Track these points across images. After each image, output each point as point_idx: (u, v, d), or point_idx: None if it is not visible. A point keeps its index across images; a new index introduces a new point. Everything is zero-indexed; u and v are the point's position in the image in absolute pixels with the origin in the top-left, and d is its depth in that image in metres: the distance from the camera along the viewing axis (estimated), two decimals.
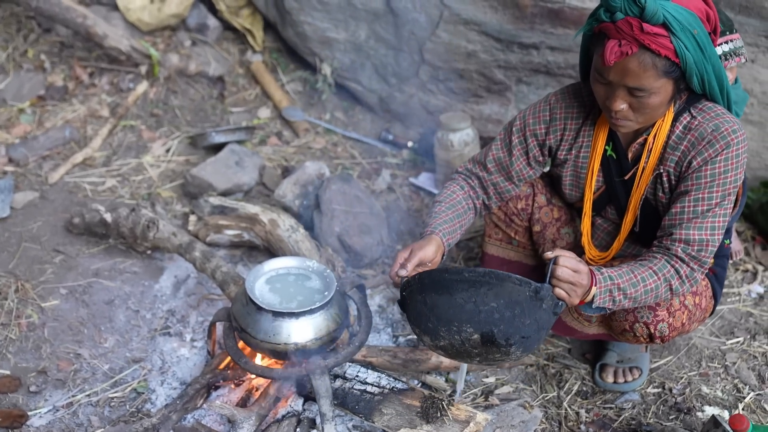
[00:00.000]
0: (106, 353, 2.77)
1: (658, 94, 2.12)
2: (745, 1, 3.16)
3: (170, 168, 3.67)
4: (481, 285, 2.01)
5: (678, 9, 2.04)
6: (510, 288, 2.01)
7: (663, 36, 2.03)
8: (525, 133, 2.47)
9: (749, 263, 3.25)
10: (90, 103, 3.90)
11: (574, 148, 2.45)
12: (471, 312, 2.02)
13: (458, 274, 2.04)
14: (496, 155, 2.51)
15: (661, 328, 2.37)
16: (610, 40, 2.08)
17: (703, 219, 2.22)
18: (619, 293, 2.17)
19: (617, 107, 2.16)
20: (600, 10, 2.10)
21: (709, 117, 2.22)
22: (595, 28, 2.15)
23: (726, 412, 2.58)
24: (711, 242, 2.22)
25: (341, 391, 2.45)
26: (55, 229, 3.25)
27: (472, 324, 2.03)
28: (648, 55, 2.06)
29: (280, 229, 3.04)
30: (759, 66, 3.33)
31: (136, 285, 3.03)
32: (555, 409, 2.62)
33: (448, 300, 2.04)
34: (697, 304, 2.43)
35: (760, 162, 3.52)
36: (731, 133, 2.19)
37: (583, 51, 2.32)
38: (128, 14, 4.11)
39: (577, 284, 2.06)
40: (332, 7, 3.87)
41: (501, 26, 3.57)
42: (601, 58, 2.12)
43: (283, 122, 4.05)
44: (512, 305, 2.01)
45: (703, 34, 2.07)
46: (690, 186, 2.23)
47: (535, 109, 2.48)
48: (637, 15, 2.03)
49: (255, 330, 2.37)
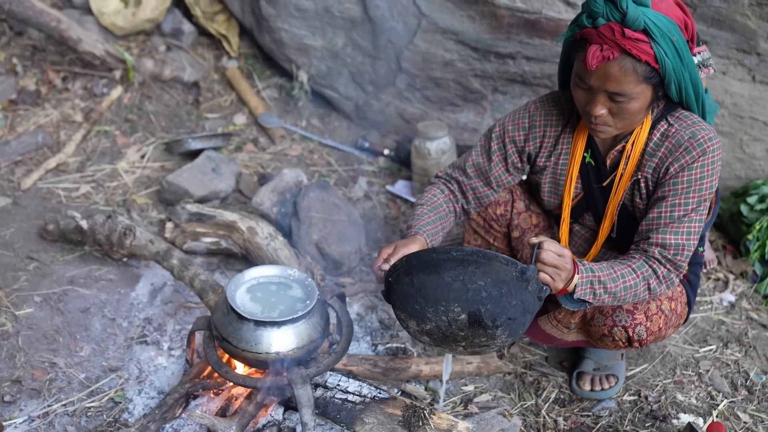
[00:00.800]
0: (82, 362, 2.73)
1: (638, 99, 2.17)
2: (717, 15, 3.22)
3: (145, 174, 3.63)
4: (468, 264, 2.03)
5: (658, 16, 2.09)
6: (497, 267, 2.03)
7: (643, 41, 2.09)
8: (504, 140, 2.52)
9: (720, 272, 3.31)
10: (63, 108, 3.84)
11: (553, 155, 2.49)
12: (459, 290, 2.03)
13: (446, 253, 2.06)
14: (475, 160, 2.56)
15: (639, 332, 2.41)
16: (592, 45, 2.13)
17: (679, 224, 2.27)
18: (599, 286, 2.21)
19: (597, 112, 2.20)
20: (582, 16, 2.15)
21: (686, 125, 2.28)
22: (577, 34, 2.19)
23: (701, 420, 2.62)
24: (687, 246, 2.27)
25: (322, 401, 2.44)
26: (29, 236, 3.20)
27: (459, 303, 2.04)
28: (629, 60, 2.10)
29: (259, 236, 3.02)
30: (730, 78, 3.40)
31: (112, 293, 2.99)
32: (533, 417, 2.64)
33: (436, 279, 2.05)
34: (673, 309, 2.48)
35: (730, 172, 3.59)
36: (707, 141, 2.24)
37: (563, 58, 2.36)
38: (102, 18, 4.06)
39: (561, 268, 2.12)
40: (309, 14, 3.86)
41: (478, 36, 3.60)
42: (582, 63, 2.16)
43: (259, 129, 4.03)
44: (499, 284, 2.03)
45: (682, 42, 2.13)
46: (667, 192, 2.28)
47: (514, 116, 2.52)
48: (619, 20, 2.08)
49: (236, 339, 2.35)
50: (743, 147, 3.54)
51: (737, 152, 3.55)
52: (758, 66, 3.32)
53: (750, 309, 3.14)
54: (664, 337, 2.53)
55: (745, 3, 3.15)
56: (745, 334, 3.00)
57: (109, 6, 4.06)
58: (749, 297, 3.20)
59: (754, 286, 3.25)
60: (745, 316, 3.10)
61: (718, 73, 3.38)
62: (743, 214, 3.36)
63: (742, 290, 3.23)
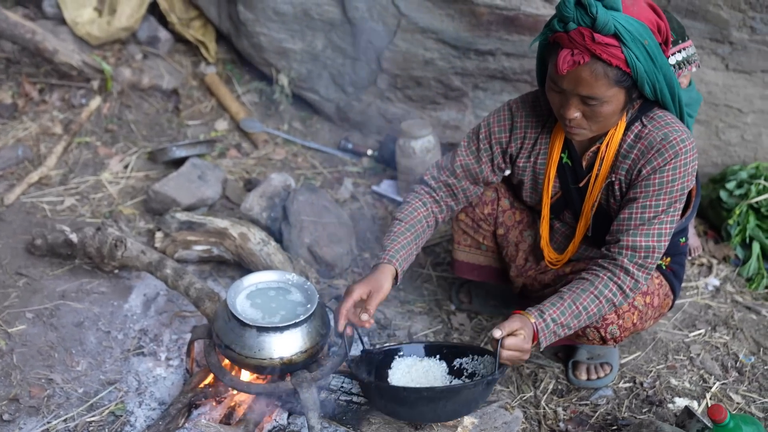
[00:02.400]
0: (80, 377, 2.71)
1: (611, 102, 2.19)
2: (691, 6, 3.29)
3: (130, 184, 3.60)
4: (439, 399, 2.23)
5: (629, 20, 2.10)
6: (466, 393, 2.25)
7: (614, 46, 2.09)
8: (491, 141, 2.54)
9: (704, 257, 3.38)
10: (41, 121, 3.80)
11: (532, 155, 2.52)
12: (432, 417, 2.30)
13: (417, 392, 2.28)
14: (463, 161, 2.57)
15: (611, 331, 2.47)
16: (563, 49, 2.14)
17: (649, 226, 2.30)
18: (563, 329, 2.31)
19: (571, 115, 2.23)
20: (554, 20, 2.17)
21: (658, 126, 2.29)
22: (549, 37, 2.21)
23: (695, 403, 2.69)
24: (657, 248, 2.31)
25: (327, 403, 2.45)
26: (16, 252, 3.16)
27: (432, 422, 2.35)
28: (600, 64, 2.12)
29: (251, 242, 3.02)
30: (705, 67, 3.47)
31: (104, 305, 2.97)
32: (533, 408, 2.68)
33: (408, 410, 2.28)
34: (648, 304, 2.52)
35: (707, 159, 3.67)
36: (680, 143, 2.26)
37: (539, 60, 2.38)
38: (76, 28, 4.02)
39: (523, 359, 2.27)
40: (288, 17, 3.86)
41: (458, 34, 3.63)
42: (554, 67, 2.18)
43: (241, 134, 4.02)
44: (468, 403, 2.29)
45: (654, 45, 2.14)
46: (638, 193, 2.31)
47: (498, 116, 2.53)
48: (589, 25, 2.09)
49: (239, 346, 2.35)
50: (719, 134, 3.62)
51: (713, 139, 3.63)
52: (731, 55, 3.40)
53: (734, 292, 3.22)
54: (642, 329, 2.59)
55: None
56: (732, 317, 3.07)
57: (83, 16, 4.02)
58: (733, 280, 3.28)
59: (736, 269, 3.33)
60: (730, 300, 3.18)
61: None
62: (723, 200, 3.44)
63: (726, 274, 3.31)
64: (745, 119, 3.54)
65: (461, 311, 3.07)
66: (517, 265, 2.76)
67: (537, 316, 2.27)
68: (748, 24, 3.27)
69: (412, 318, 3.04)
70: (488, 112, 3.85)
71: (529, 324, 2.26)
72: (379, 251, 2.45)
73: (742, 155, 3.62)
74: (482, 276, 2.94)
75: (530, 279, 2.72)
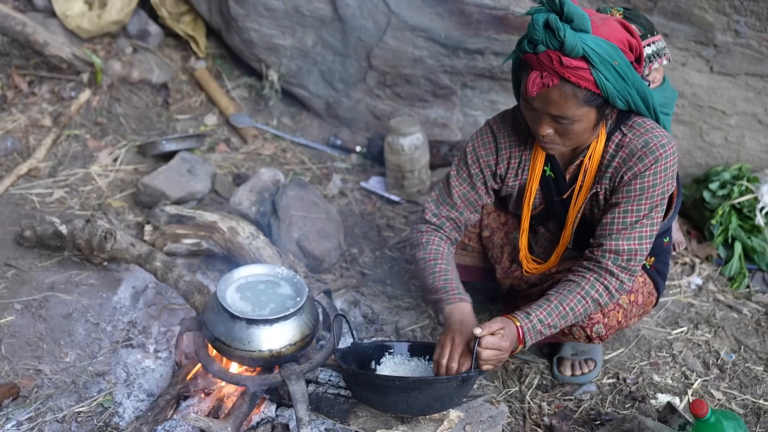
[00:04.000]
0: (68, 368, 2.72)
1: (581, 121, 2.21)
2: (676, 8, 3.34)
3: (119, 177, 3.61)
4: (411, 390, 2.24)
5: (598, 42, 2.10)
6: (439, 387, 2.26)
7: (583, 68, 2.10)
8: (480, 165, 2.54)
9: (687, 256, 3.43)
10: (31, 113, 3.80)
11: (518, 172, 2.53)
12: (404, 408, 2.29)
13: (390, 381, 2.30)
14: (460, 192, 2.57)
15: (597, 330, 2.49)
16: (533, 71, 2.15)
17: (631, 230, 2.33)
18: (549, 329, 2.34)
19: (543, 132, 2.26)
20: (524, 41, 2.17)
21: (639, 133, 2.32)
22: (520, 56, 2.22)
23: (677, 399, 2.73)
24: (639, 251, 2.34)
25: (315, 396, 2.48)
26: (4, 243, 3.16)
27: (406, 413, 2.33)
28: (569, 86, 2.13)
29: (240, 236, 3.04)
30: (689, 69, 3.52)
31: (93, 297, 2.98)
32: (518, 403, 2.72)
33: (381, 399, 2.29)
34: (633, 302, 2.56)
35: (691, 160, 3.73)
36: (660, 148, 2.29)
37: (513, 76, 2.39)
38: (67, 21, 4.01)
39: (502, 358, 2.28)
40: (279, 13, 3.88)
41: (447, 32, 3.66)
42: (525, 88, 2.19)
43: (230, 129, 4.04)
44: (442, 397, 2.28)
45: (625, 64, 2.15)
46: (620, 198, 2.34)
47: (483, 140, 2.53)
48: (557, 48, 2.09)
49: (229, 338, 2.37)
50: (703, 135, 3.67)
51: (697, 141, 3.68)
52: (716, 57, 3.45)
53: (716, 291, 3.27)
54: (627, 326, 2.62)
55: None
56: (714, 315, 3.12)
57: (73, 9, 4.01)
58: (715, 279, 3.33)
59: (719, 269, 3.38)
60: (712, 298, 3.23)
61: (677, 65, 3.50)
62: (706, 200, 3.49)
63: (708, 273, 3.36)
64: (729, 121, 3.60)
65: None
66: (503, 267, 2.78)
67: (523, 318, 2.30)
68: (733, 27, 3.32)
69: (399, 313, 3.07)
70: (476, 110, 3.90)
71: (511, 325, 2.29)
72: (434, 295, 2.45)
73: (726, 156, 3.68)
74: (468, 276, 2.94)
75: (517, 279, 2.74)
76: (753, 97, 3.53)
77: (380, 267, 3.32)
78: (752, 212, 3.38)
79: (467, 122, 3.93)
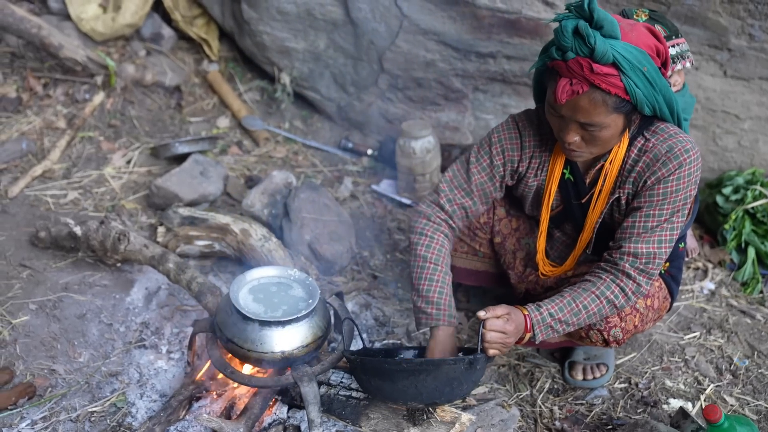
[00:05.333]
0: (82, 368, 2.73)
1: (610, 127, 2.20)
2: (690, 12, 3.33)
3: (132, 179, 3.63)
4: (419, 373, 2.23)
5: (627, 48, 2.09)
6: (446, 369, 2.24)
7: (613, 75, 2.09)
8: (504, 159, 2.51)
9: (699, 261, 3.42)
10: (45, 115, 3.82)
11: (538, 172, 2.52)
12: (413, 394, 2.27)
13: (397, 365, 2.29)
14: (479, 180, 2.53)
15: (614, 333, 2.49)
16: (562, 78, 2.14)
17: (651, 234, 2.32)
18: (560, 325, 2.33)
19: (570, 139, 2.24)
20: (552, 48, 2.15)
21: (662, 138, 2.30)
22: (548, 63, 2.20)
23: (689, 404, 2.72)
24: (658, 255, 2.32)
25: (327, 398, 2.48)
26: (20, 244, 3.18)
27: (416, 401, 2.30)
28: (598, 93, 2.12)
29: (252, 238, 3.05)
30: (702, 73, 3.51)
31: (107, 298, 3.00)
32: (529, 407, 2.72)
33: (390, 385, 2.28)
34: (649, 306, 2.55)
35: (704, 165, 3.71)
36: (684, 153, 2.27)
37: (536, 82, 2.37)
38: (81, 24, 4.05)
39: (507, 342, 2.27)
40: (291, 17, 3.90)
41: (459, 36, 3.67)
42: (553, 95, 2.18)
43: (242, 131, 4.06)
44: (450, 381, 2.26)
45: (653, 70, 2.14)
46: (642, 202, 2.33)
47: (509, 134, 2.50)
48: (587, 55, 2.08)
49: (242, 340, 2.38)
50: (716, 140, 3.66)
51: (710, 145, 3.67)
52: (729, 61, 3.44)
53: (729, 296, 3.26)
54: (642, 331, 2.61)
55: (717, 0, 3.27)
56: (726, 321, 3.11)
57: (88, 12, 4.04)
58: (728, 284, 3.32)
59: (732, 274, 3.37)
60: (725, 303, 3.22)
61: (691, 69, 3.49)
62: (719, 204, 3.48)
63: (721, 278, 3.35)
64: (743, 125, 3.59)
65: (459, 310, 3.11)
66: (516, 272, 2.78)
67: (533, 309, 2.31)
68: (747, 31, 3.31)
69: (410, 316, 3.07)
70: (487, 114, 3.90)
71: (518, 312, 2.29)
72: (424, 305, 2.46)
73: (739, 161, 3.67)
74: (480, 281, 2.96)
75: (532, 284, 2.73)
76: (767, 102, 3.52)
77: (391, 270, 3.32)
78: (766, 217, 3.37)
79: (479, 126, 3.93)
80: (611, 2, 3.37)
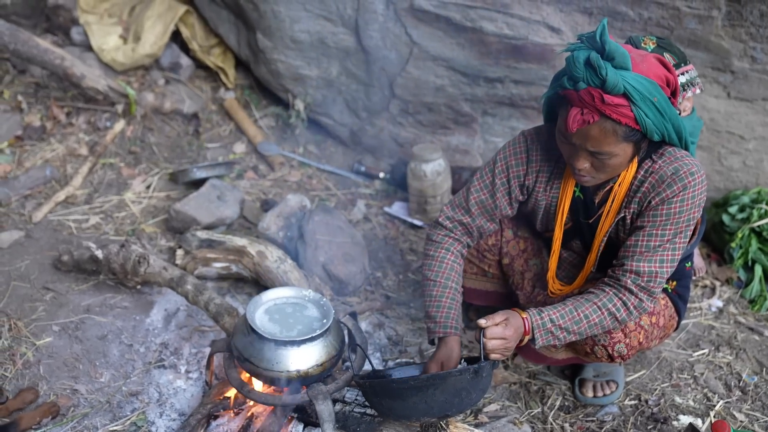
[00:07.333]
0: (103, 387, 2.82)
1: (619, 155, 2.24)
2: (693, 36, 3.40)
3: (152, 204, 3.74)
4: (427, 387, 2.30)
5: (638, 79, 2.12)
6: (453, 381, 2.30)
7: (623, 105, 2.12)
8: (508, 175, 2.56)
9: (707, 279, 3.47)
10: (68, 142, 3.95)
11: (547, 188, 2.56)
12: (424, 409, 2.32)
13: (404, 383, 2.35)
14: (478, 198, 2.60)
15: (618, 349, 2.53)
16: (573, 107, 2.18)
17: (653, 253, 2.35)
18: (561, 332, 2.37)
19: (580, 166, 2.29)
20: (564, 77, 2.19)
21: (669, 161, 2.34)
22: (559, 92, 2.24)
23: (699, 420, 2.76)
24: (660, 274, 2.36)
25: (342, 415, 2.55)
26: (43, 267, 3.29)
27: (427, 415, 2.34)
28: (609, 123, 2.15)
29: (269, 260, 3.14)
30: (706, 95, 3.57)
31: (127, 320, 3.09)
32: (540, 424, 2.76)
33: (401, 404, 2.33)
34: (654, 323, 2.59)
35: (710, 184, 3.76)
36: (689, 175, 2.31)
37: (545, 107, 2.42)
38: (102, 55, 4.18)
39: (509, 347, 2.33)
40: (305, 45, 4.01)
41: (468, 62, 3.76)
42: (564, 123, 2.22)
43: (258, 156, 4.16)
44: (459, 392, 2.31)
45: (663, 100, 2.17)
46: (646, 222, 2.37)
47: (515, 150, 2.56)
48: (599, 86, 2.11)
49: (258, 359, 2.46)
50: (721, 160, 3.71)
51: (716, 165, 3.72)
52: (733, 83, 3.50)
53: (737, 313, 3.30)
54: (648, 348, 2.65)
55: (719, 24, 3.34)
56: (735, 338, 3.15)
57: (109, 43, 4.18)
58: (735, 302, 3.36)
59: (739, 291, 3.41)
60: (733, 321, 3.26)
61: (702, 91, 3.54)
62: (725, 223, 3.53)
63: (729, 296, 3.39)
64: (747, 145, 3.64)
65: (470, 329, 3.17)
66: (525, 293, 2.82)
67: (534, 313, 2.36)
68: (749, 54, 3.38)
69: (422, 335, 3.13)
70: (496, 137, 3.97)
71: (516, 315, 2.34)
72: (428, 322, 2.54)
73: (744, 180, 3.72)
74: (489, 301, 3.01)
75: (540, 304, 2.75)
76: None
77: (404, 290, 3.40)
78: None
79: (488, 148, 4.01)
80: (616, 28, 3.45)
